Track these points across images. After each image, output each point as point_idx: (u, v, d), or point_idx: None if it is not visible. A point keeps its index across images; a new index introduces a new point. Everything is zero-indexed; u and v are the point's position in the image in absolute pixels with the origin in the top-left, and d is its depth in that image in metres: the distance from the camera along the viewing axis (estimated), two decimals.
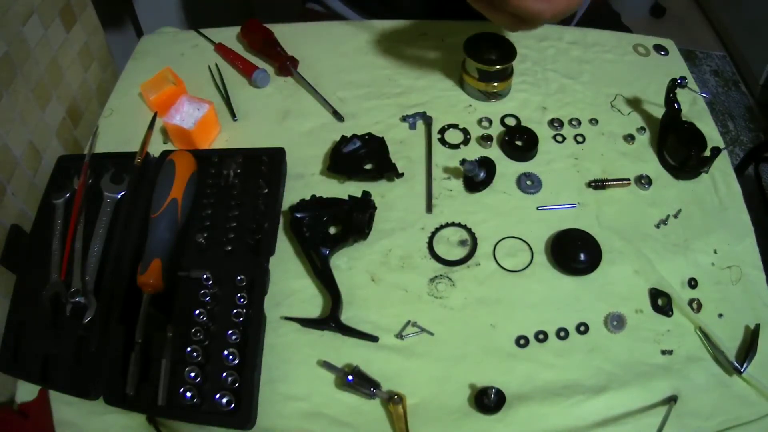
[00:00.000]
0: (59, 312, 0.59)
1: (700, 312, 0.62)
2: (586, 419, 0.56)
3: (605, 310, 0.62)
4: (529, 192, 0.71)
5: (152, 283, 0.58)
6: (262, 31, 0.85)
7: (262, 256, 0.62)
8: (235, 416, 0.53)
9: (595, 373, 0.58)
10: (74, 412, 0.56)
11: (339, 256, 0.65)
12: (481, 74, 0.76)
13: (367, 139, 0.73)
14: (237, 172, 0.68)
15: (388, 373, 0.58)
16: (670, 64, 0.86)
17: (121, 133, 0.77)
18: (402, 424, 0.54)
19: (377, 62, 0.85)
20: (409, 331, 0.61)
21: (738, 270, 0.65)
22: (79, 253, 0.62)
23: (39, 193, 0.68)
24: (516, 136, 0.74)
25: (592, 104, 0.80)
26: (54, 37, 0.79)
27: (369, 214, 0.66)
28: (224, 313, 0.59)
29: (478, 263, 0.65)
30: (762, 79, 1.95)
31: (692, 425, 0.55)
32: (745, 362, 0.58)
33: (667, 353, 0.59)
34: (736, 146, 1.86)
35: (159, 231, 0.61)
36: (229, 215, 0.65)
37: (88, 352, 0.57)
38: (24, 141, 0.72)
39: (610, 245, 0.66)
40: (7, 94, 0.69)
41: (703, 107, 0.80)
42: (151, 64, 0.84)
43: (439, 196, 0.70)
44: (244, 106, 0.80)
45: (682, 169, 0.72)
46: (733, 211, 0.70)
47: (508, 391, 0.56)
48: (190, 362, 0.55)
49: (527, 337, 0.60)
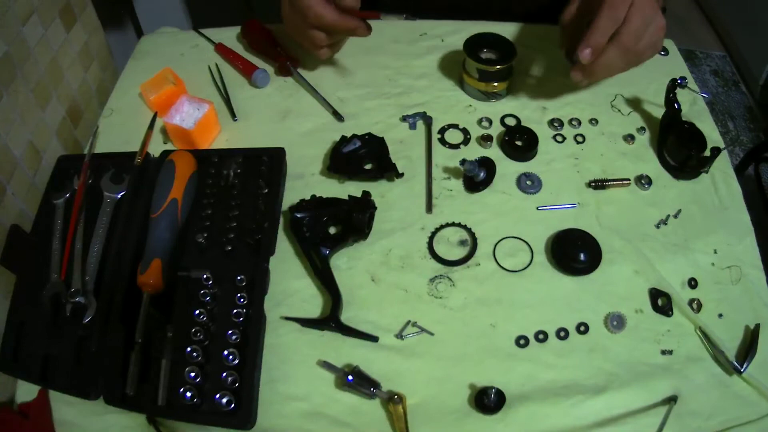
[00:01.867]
0: (59, 312, 0.59)
1: (700, 312, 0.62)
2: (586, 419, 0.56)
3: (605, 310, 0.62)
4: (529, 192, 0.71)
5: (152, 283, 0.58)
6: (262, 31, 0.85)
7: (262, 256, 0.62)
8: (235, 416, 0.53)
9: (595, 373, 0.58)
10: (74, 412, 0.57)
11: (339, 256, 0.65)
12: (481, 74, 0.76)
13: (367, 139, 0.73)
14: (237, 172, 0.68)
15: (388, 373, 0.58)
16: (670, 64, 0.86)
17: (121, 133, 0.77)
18: (402, 424, 0.54)
19: (377, 62, 0.85)
20: (409, 331, 0.61)
21: (738, 270, 0.65)
22: (79, 253, 0.62)
23: (39, 193, 0.68)
24: (516, 136, 0.74)
25: (592, 104, 0.80)
26: (54, 37, 0.79)
27: (369, 214, 0.66)
28: (224, 313, 0.59)
29: (478, 263, 0.65)
30: (762, 79, 1.95)
31: (692, 425, 0.55)
32: (745, 362, 0.58)
33: (667, 353, 0.59)
34: (736, 146, 1.86)
35: (159, 231, 0.61)
36: (229, 215, 0.65)
37: (88, 352, 0.57)
38: (24, 141, 0.72)
39: (610, 245, 0.66)
40: (7, 94, 0.69)
41: (703, 107, 0.80)
42: (151, 64, 0.84)
43: (439, 196, 0.70)
44: (244, 106, 0.80)
45: (682, 169, 0.72)
46: (733, 211, 0.70)
47: (508, 391, 0.56)
48: (190, 362, 0.55)
49: (527, 337, 0.60)
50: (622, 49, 0.65)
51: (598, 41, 0.64)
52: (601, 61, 0.66)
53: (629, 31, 0.64)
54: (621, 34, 0.64)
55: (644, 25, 0.65)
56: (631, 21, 0.64)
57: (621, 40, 0.64)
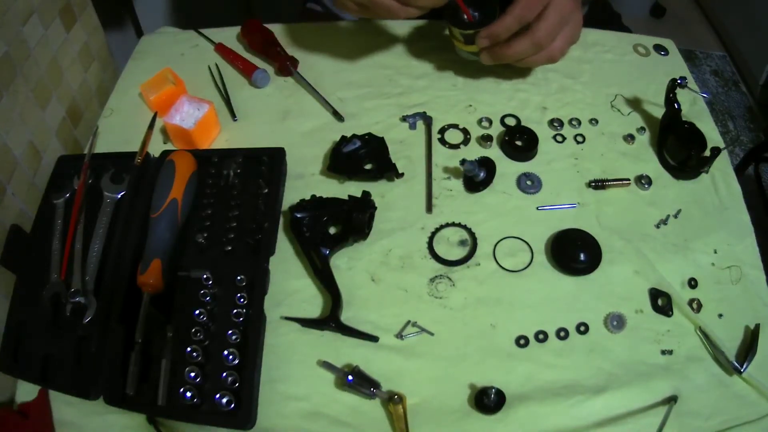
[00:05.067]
0: (59, 312, 0.59)
1: (700, 312, 0.62)
2: (586, 419, 0.56)
3: (605, 310, 0.62)
4: (529, 192, 0.71)
5: (152, 283, 0.58)
6: (262, 31, 0.85)
7: (262, 256, 0.62)
8: (235, 416, 0.53)
9: (595, 373, 0.58)
10: (74, 412, 0.57)
11: (339, 256, 0.65)
12: (466, 38, 0.75)
13: (367, 139, 0.73)
14: (237, 172, 0.68)
15: (388, 373, 0.58)
16: (670, 64, 0.86)
17: (121, 133, 0.77)
18: (402, 424, 0.54)
19: (377, 62, 0.85)
20: (409, 331, 0.61)
21: (738, 270, 0.65)
22: (79, 253, 0.62)
23: (39, 193, 0.68)
24: (516, 136, 0.74)
25: (592, 104, 0.80)
26: (54, 37, 0.79)
27: (369, 214, 0.66)
28: (224, 313, 0.59)
29: (478, 263, 0.65)
30: (762, 79, 1.95)
31: (692, 425, 0.55)
32: (745, 362, 0.58)
33: (667, 353, 0.60)
34: (736, 146, 1.86)
35: (159, 231, 0.61)
36: (229, 215, 0.65)
37: (88, 352, 0.57)
38: (24, 141, 0.71)
39: (610, 245, 0.66)
40: (7, 94, 0.68)
41: (703, 107, 0.80)
42: (151, 64, 0.84)
43: (439, 196, 0.70)
44: (244, 106, 0.80)
45: (682, 169, 0.72)
46: (733, 211, 0.70)
47: (508, 391, 0.56)
48: (190, 362, 0.55)
49: (527, 337, 0.60)
50: (534, 44, 0.70)
51: (498, 34, 0.70)
52: (510, 50, 0.71)
53: (543, 28, 0.68)
54: (536, 30, 0.69)
55: (560, 25, 0.70)
56: (547, 19, 0.68)
57: (534, 35, 0.69)
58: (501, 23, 0.69)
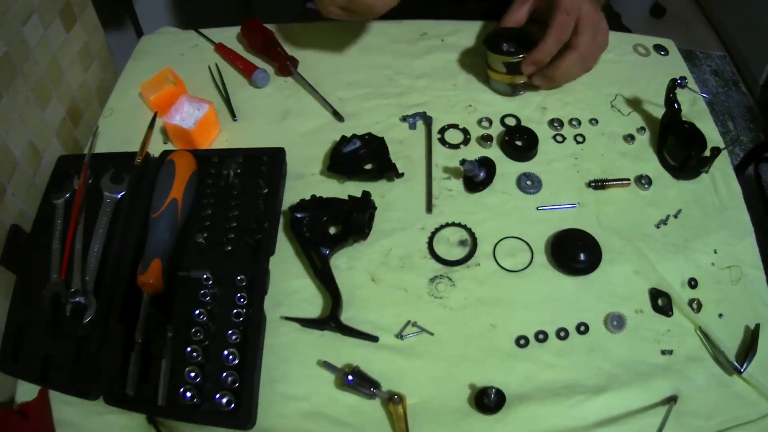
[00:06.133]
0: (59, 312, 0.59)
1: (700, 312, 0.62)
2: (586, 419, 0.56)
3: (605, 310, 0.62)
4: (529, 192, 0.71)
5: (152, 283, 0.58)
6: (262, 31, 0.85)
7: (262, 256, 0.62)
8: (235, 416, 0.53)
9: (595, 373, 0.58)
10: (74, 412, 0.57)
11: (339, 256, 0.65)
12: (507, 67, 0.76)
13: (367, 139, 0.73)
14: (237, 172, 0.68)
15: (388, 373, 0.58)
16: (670, 64, 0.86)
17: (121, 133, 0.77)
18: (402, 424, 0.54)
19: (377, 62, 0.85)
20: (409, 331, 0.61)
21: (738, 270, 0.65)
22: (79, 253, 0.62)
23: (39, 193, 0.68)
24: (516, 136, 0.74)
25: (592, 104, 0.80)
26: (54, 37, 0.79)
27: (369, 214, 0.66)
28: (224, 313, 0.59)
29: (478, 263, 0.65)
30: (762, 79, 1.95)
31: (692, 425, 0.55)
32: (745, 362, 0.58)
33: (667, 353, 0.59)
34: (736, 146, 1.86)
35: (159, 231, 0.61)
36: (229, 215, 0.65)
37: (88, 352, 0.57)
38: (24, 141, 0.72)
39: (610, 245, 0.66)
40: (7, 94, 0.68)
41: (703, 107, 0.80)
42: (151, 64, 0.84)
43: (439, 196, 0.70)
44: (244, 106, 0.80)
45: (682, 169, 0.72)
46: (733, 211, 0.70)
47: (508, 391, 0.56)
48: (190, 362, 0.55)
49: (527, 337, 0.60)
50: (581, 58, 0.74)
51: (541, 59, 0.73)
52: (560, 69, 0.75)
53: (583, 42, 0.73)
54: (578, 46, 0.73)
55: (594, 33, 0.73)
56: (585, 33, 0.72)
57: (579, 51, 0.73)
58: (543, 47, 0.72)
